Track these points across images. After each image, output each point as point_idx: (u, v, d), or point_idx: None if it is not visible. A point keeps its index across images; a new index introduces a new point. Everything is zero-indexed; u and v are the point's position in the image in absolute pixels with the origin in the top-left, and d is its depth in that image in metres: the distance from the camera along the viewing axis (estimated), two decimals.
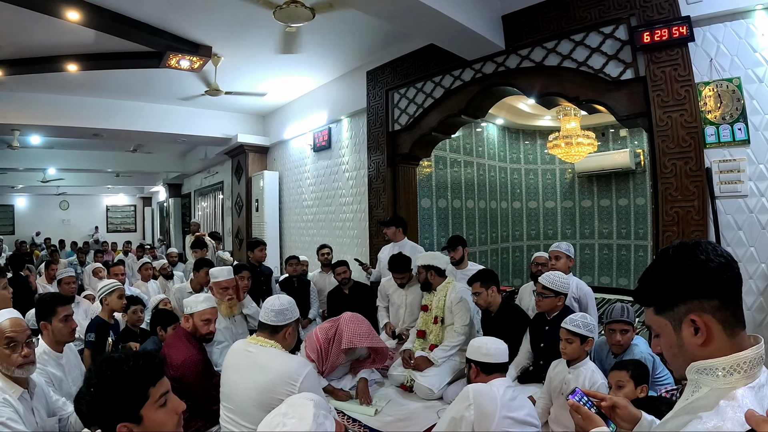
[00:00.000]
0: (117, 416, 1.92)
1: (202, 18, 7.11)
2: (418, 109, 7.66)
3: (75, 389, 3.70)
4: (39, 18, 6.69)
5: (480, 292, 5.16)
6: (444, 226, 9.52)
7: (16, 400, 2.87)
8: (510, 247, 11.39)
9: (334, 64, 9.07)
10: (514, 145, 11.62)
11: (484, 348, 3.42)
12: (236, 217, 13.72)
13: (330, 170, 10.20)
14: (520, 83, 6.41)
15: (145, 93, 10.81)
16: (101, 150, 17.48)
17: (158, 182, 23.61)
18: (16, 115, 10.65)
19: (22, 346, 2.96)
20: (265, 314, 3.54)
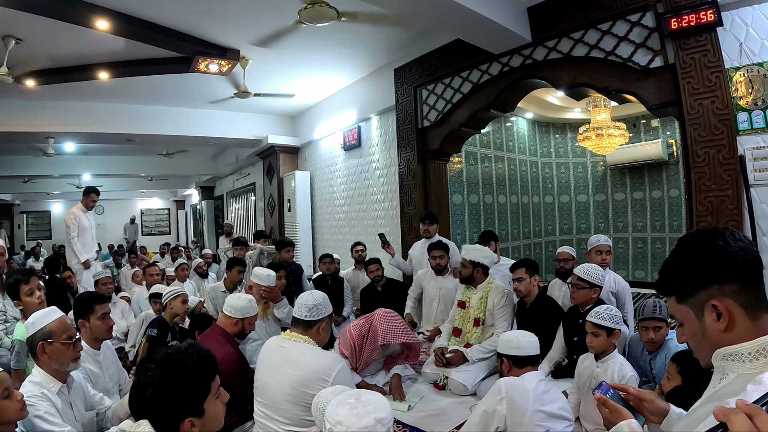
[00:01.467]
0: (183, 411, 1.97)
1: (229, 22, 7.16)
2: (447, 105, 7.62)
3: (111, 385, 3.88)
4: (70, 28, 6.84)
5: (524, 278, 5.13)
6: (476, 222, 9.46)
7: (55, 395, 2.96)
8: (543, 242, 11.25)
9: (362, 63, 9.06)
10: (545, 138, 11.48)
11: (515, 341, 3.40)
12: (269, 217, 13.81)
13: (361, 168, 10.21)
14: (548, 75, 6.34)
15: (175, 97, 10.93)
16: (134, 155, 17.70)
17: (191, 185, 23.83)
18: (50, 123, 10.87)
19: (76, 342, 3.12)
20: (298, 310, 3.58)
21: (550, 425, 3.03)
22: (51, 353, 3.03)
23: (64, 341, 3.06)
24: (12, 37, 7.17)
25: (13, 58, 7.58)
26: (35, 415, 2.79)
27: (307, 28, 6.72)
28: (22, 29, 7.04)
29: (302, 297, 3.64)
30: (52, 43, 7.57)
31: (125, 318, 7.31)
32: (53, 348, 3.03)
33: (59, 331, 3.08)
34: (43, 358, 3.02)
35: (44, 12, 6.35)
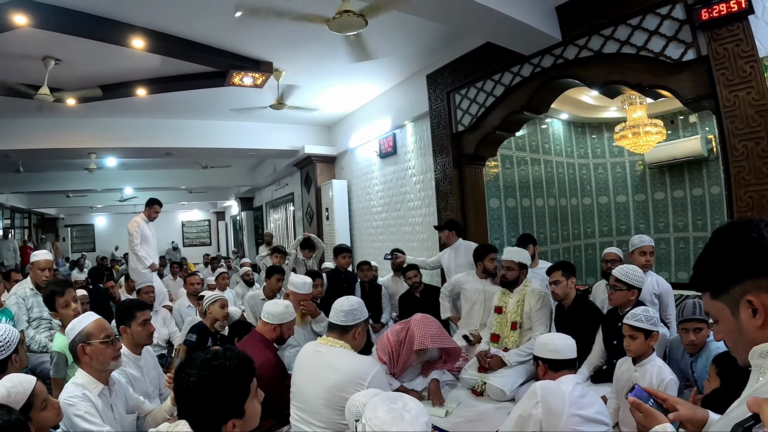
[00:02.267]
0: (226, 413, 2.02)
1: (261, 35, 7.25)
2: (480, 109, 7.57)
3: (152, 389, 4.03)
4: (107, 48, 7.06)
5: (560, 281, 5.06)
6: (514, 226, 9.40)
7: (96, 396, 3.08)
8: (582, 244, 11.08)
9: (394, 70, 9.09)
10: (581, 139, 11.33)
11: (551, 344, 3.36)
12: (307, 226, 13.86)
13: (397, 175, 10.22)
14: (580, 74, 6.25)
15: (212, 111, 11.12)
16: (174, 168, 18.11)
17: (230, 197, 24.16)
18: (91, 140, 11.21)
19: (114, 340, 3.25)
20: (334, 315, 3.62)
21: (586, 430, 2.97)
22: (91, 353, 3.18)
23: (102, 340, 3.22)
24: (52, 57, 7.41)
25: (53, 77, 7.76)
26: (75, 414, 2.92)
27: (338, 37, 6.78)
28: (61, 50, 7.27)
29: (338, 302, 3.69)
30: (91, 62, 7.78)
31: (167, 326, 7.41)
32: (93, 348, 3.18)
33: (97, 331, 3.23)
34: (84, 359, 3.17)
35: (82, 33, 6.57)
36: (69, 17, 6.19)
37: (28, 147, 10.95)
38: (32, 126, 10.61)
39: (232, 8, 6.32)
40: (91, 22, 6.36)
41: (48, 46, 7.12)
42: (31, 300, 5.62)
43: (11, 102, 8.97)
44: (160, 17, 6.59)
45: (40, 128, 10.68)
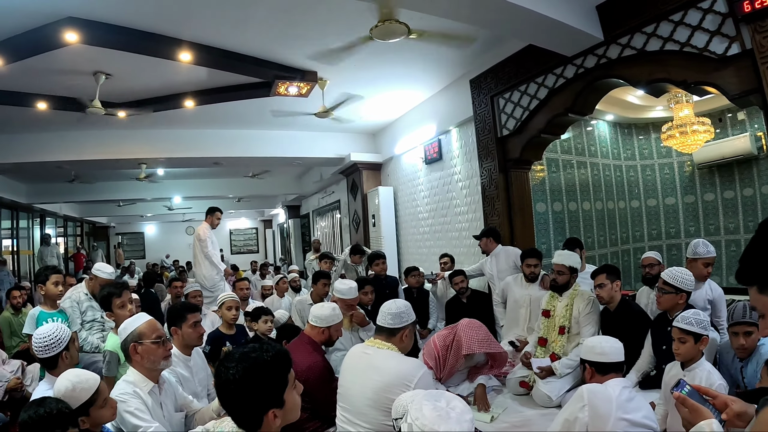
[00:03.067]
0: (266, 403, 2.08)
1: (304, 45, 7.36)
2: (525, 112, 7.53)
3: (200, 389, 4.17)
4: (155, 62, 7.30)
5: (605, 284, 5.01)
6: (561, 230, 9.32)
7: (146, 394, 3.20)
8: (631, 249, 10.89)
9: (437, 76, 9.10)
10: (627, 140, 11.16)
11: (598, 347, 3.35)
12: (354, 233, 13.94)
13: (443, 181, 10.20)
14: (624, 73, 6.14)
15: (258, 120, 11.29)
16: (222, 177, 18.36)
17: (277, 205, 24.40)
18: (141, 150, 11.55)
19: (165, 341, 3.37)
20: (382, 317, 3.68)
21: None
22: (142, 353, 3.31)
23: (153, 341, 3.34)
24: (102, 72, 7.66)
25: (104, 91, 8.01)
26: (126, 410, 3.04)
27: (381, 45, 6.83)
28: (111, 65, 7.52)
29: (386, 305, 3.73)
30: (140, 76, 8.05)
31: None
32: (144, 348, 3.31)
33: (149, 331, 3.36)
34: (136, 358, 3.30)
35: (131, 48, 6.83)
36: (118, 33, 6.42)
37: (80, 158, 11.36)
38: (84, 138, 11.00)
39: (278, 20, 6.46)
40: (140, 37, 6.58)
41: (98, 61, 7.36)
42: (85, 304, 5.85)
43: (64, 115, 9.33)
44: (206, 31, 6.76)
45: (92, 140, 11.05)
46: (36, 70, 7.44)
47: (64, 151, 11.17)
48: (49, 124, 10.31)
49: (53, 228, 21.45)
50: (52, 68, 7.42)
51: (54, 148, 11.08)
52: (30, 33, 6.27)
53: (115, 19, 6.28)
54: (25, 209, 17.39)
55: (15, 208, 16.72)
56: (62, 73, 7.64)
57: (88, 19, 6.15)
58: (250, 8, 6.21)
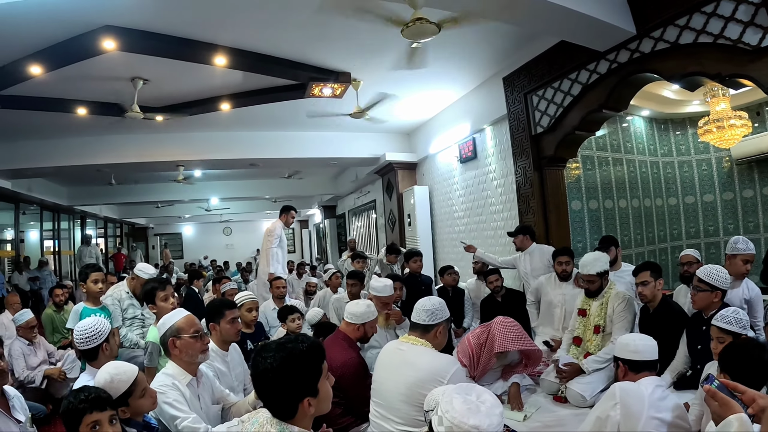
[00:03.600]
0: (301, 392, 2.16)
1: (337, 47, 7.44)
2: (558, 109, 7.44)
3: (237, 384, 4.27)
4: (191, 67, 7.50)
5: (649, 281, 4.89)
6: (597, 228, 9.25)
7: (184, 386, 3.31)
8: (668, 247, 10.69)
9: (470, 75, 9.10)
10: (664, 136, 10.96)
11: (632, 345, 3.32)
12: (389, 233, 13.97)
13: (478, 180, 10.18)
14: (658, 67, 6.00)
15: (293, 122, 11.41)
16: (258, 178, 18.58)
17: (313, 205, 24.54)
18: (179, 153, 11.81)
19: (203, 335, 3.47)
20: (416, 314, 3.72)
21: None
22: (181, 347, 3.42)
23: (191, 335, 3.45)
24: (140, 78, 7.88)
25: (142, 96, 8.21)
26: (165, 401, 3.13)
27: (413, 46, 6.85)
28: (149, 71, 7.74)
29: (420, 302, 3.78)
30: (177, 80, 8.25)
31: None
32: (182, 342, 3.42)
33: (187, 326, 3.46)
34: (174, 352, 3.40)
35: (167, 54, 7.02)
36: (154, 40, 6.60)
37: (119, 161, 11.71)
38: (123, 142, 11.30)
39: (311, 23, 6.53)
40: (176, 43, 6.76)
41: (136, 67, 7.57)
42: (126, 302, 6.09)
43: (104, 120, 9.59)
44: (240, 35, 6.89)
45: (131, 143, 11.35)
46: (75, 77, 7.66)
47: (104, 155, 11.50)
48: (89, 129, 10.60)
49: (93, 229, 22.04)
50: (91, 75, 7.63)
51: (94, 152, 11.42)
52: (69, 42, 6.49)
53: (151, 27, 6.45)
54: (66, 211, 17.88)
55: (56, 210, 17.20)
56: (101, 80, 7.86)
57: (125, 27, 6.34)
58: (283, 12, 6.30)
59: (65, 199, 17.34)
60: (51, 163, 11.55)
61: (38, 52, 6.75)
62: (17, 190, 13.52)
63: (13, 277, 13.95)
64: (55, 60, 6.91)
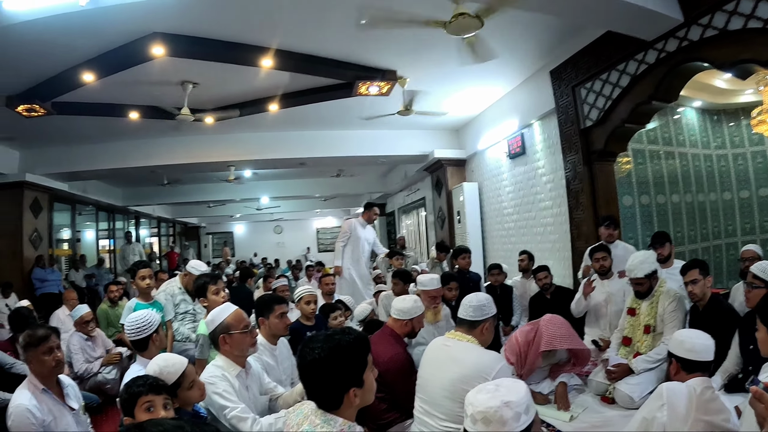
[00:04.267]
0: (348, 382, 2.22)
1: (382, 45, 7.48)
2: (607, 102, 7.29)
3: (285, 377, 4.35)
4: (239, 69, 7.67)
5: (698, 279, 4.73)
6: (648, 224, 9.01)
7: (234, 378, 3.41)
8: (723, 244, 10.23)
9: (516, 69, 9.03)
10: (717, 128, 10.50)
11: (688, 342, 3.23)
12: (439, 230, 13.93)
13: (527, 176, 10.09)
14: (707, 55, 5.78)
15: (341, 121, 11.52)
16: (308, 178, 18.80)
17: (363, 203, 24.50)
18: (229, 153, 12.14)
19: (252, 329, 3.67)
20: (463, 310, 3.74)
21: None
22: (231, 343, 3.53)
23: (241, 331, 3.56)
24: (189, 82, 8.12)
25: (191, 99, 8.44)
26: (214, 392, 3.25)
27: (457, 41, 6.79)
28: (197, 74, 7.96)
29: (467, 298, 3.79)
30: (225, 83, 8.45)
31: None
32: (233, 338, 3.53)
33: (236, 322, 3.57)
34: (225, 348, 3.53)
35: (215, 58, 7.26)
36: (202, 45, 6.81)
37: (172, 162, 12.10)
38: (175, 143, 11.66)
39: (354, 22, 6.56)
40: (223, 47, 6.95)
41: (184, 71, 7.78)
42: (178, 297, 6.43)
43: (156, 123, 9.92)
44: (286, 37, 6.99)
45: (183, 145, 11.70)
46: (126, 83, 7.93)
47: (157, 157, 11.91)
48: (141, 132, 10.96)
49: (147, 228, 22.70)
50: (142, 80, 7.88)
51: (147, 154, 11.84)
52: (119, 50, 6.77)
53: (197, 32, 6.64)
54: (121, 211, 18.47)
55: (112, 211, 17.79)
56: (151, 84, 8.11)
57: (172, 33, 6.53)
58: (328, 12, 6.38)
59: (120, 200, 17.89)
60: (106, 165, 11.99)
61: (90, 60, 7.04)
62: (73, 191, 14.01)
63: (70, 274, 14.39)
64: (106, 67, 7.19)
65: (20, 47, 6.47)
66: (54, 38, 6.25)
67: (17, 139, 10.89)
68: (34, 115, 8.79)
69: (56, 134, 10.66)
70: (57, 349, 3.58)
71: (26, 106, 8.42)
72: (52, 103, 8.50)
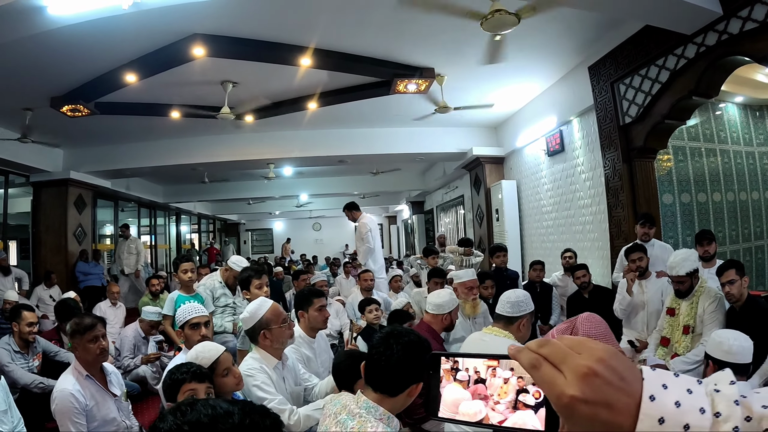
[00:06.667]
0: (412, 377, 2.37)
1: (420, 43, 7.50)
2: (647, 98, 7.17)
3: (322, 370, 4.46)
4: (278, 68, 7.83)
5: (735, 279, 4.66)
6: (689, 223, 8.89)
7: (271, 369, 3.57)
8: (765, 245, 10.02)
9: (554, 66, 8.95)
10: (760, 124, 10.29)
11: (726, 344, 3.21)
12: (477, 227, 13.95)
13: (566, 173, 10.02)
14: (747, 49, 5.64)
15: (380, 118, 11.58)
16: (347, 175, 19.03)
17: (401, 201, 24.79)
18: (269, 151, 12.35)
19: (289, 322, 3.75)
20: (501, 306, 3.80)
21: None
22: (271, 338, 3.67)
23: (280, 325, 3.70)
24: (229, 81, 8.30)
25: (231, 98, 8.62)
26: (253, 384, 3.40)
27: (495, 38, 6.76)
28: (238, 74, 8.13)
29: (506, 294, 3.85)
30: (264, 82, 8.61)
31: (339, 318, 8.19)
32: (272, 333, 3.67)
33: (274, 317, 3.71)
34: (266, 343, 3.70)
35: (254, 58, 7.41)
36: (242, 45, 6.96)
37: (213, 160, 12.39)
38: (216, 142, 11.90)
39: (392, 20, 6.64)
40: (262, 47, 7.07)
41: (225, 71, 7.95)
42: (219, 291, 6.64)
43: (197, 122, 10.13)
44: (325, 36, 7.06)
45: (223, 144, 11.93)
46: (168, 83, 8.13)
47: (198, 155, 12.19)
48: (182, 131, 11.21)
49: (188, 225, 23.02)
50: (183, 80, 8.09)
51: (188, 152, 12.14)
52: (160, 51, 6.96)
53: (237, 32, 6.77)
54: (162, 208, 18.84)
55: (153, 207, 18.17)
56: (192, 84, 8.30)
57: (213, 34, 6.68)
58: (366, 10, 6.42)
59: (161, 197, 18.28)
60: (148, 163, 12.31)
61: (132, 61, 7.25)
62: (116, 189, 14.35)
63: (112, 268, 14.67)
64: (148, 68, 7.39)
65: (64, 50, 6.67)
66: (97, 41, 6.44)
67: (62, 138, 11.15)
68: (78, 115, 9.05)
69: (99, 133, 10.92)
70: (102, 337, 3.74)
71: (70, 106, 8.66)
72: (96, 104, 8.73)
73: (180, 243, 22.19)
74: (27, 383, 5.26)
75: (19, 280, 10.50)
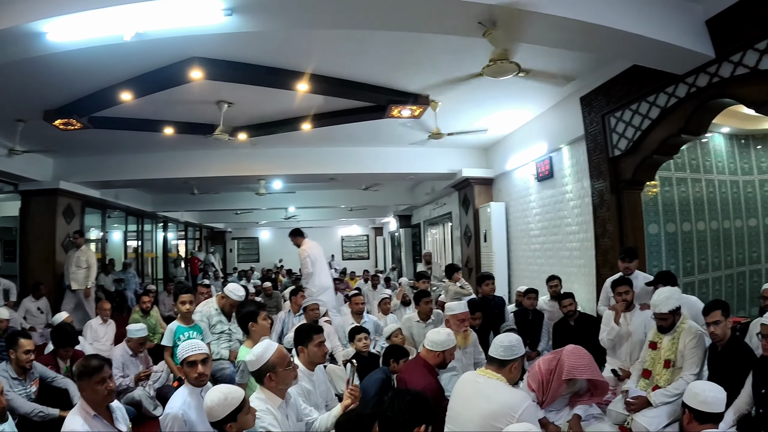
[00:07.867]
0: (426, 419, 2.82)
1: (416, 72, 7.64)
2: (637, 132, 7.28)
3: (321, 401, 4.65)
4: (274, 92, 7.90)
5: (720, 320, 4.76)
6: (674, 252, 9.03)
7: (276, 409, 3.71)
8: (747, 271, 10.15)
9: (547, 94, 9.02)
10: (744, 153, 10.44)
11: (701, 395, 3.35)
12: (465, 247, 14.03)
13: (554, 199, 10.11)
14: (737, 93, 5.77)
15: (372, 140, 11.78)
16: (335, 189, 19.04)
17: (389, 214, 24.92)
18: (261, 168, 12.48)
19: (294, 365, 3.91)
20: (494, 349, 3.93)
21: None
22: (276, 380, 3.80)
23: (285, 368, 3.84)
24: (225, 102, 8.37)
25: (226, 117, 8.72)
26: (261, 426, 3.51)
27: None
28: (233, 95, 8.23)
29: (499, 338, 4.00)
30: (259, 104, 8.75)
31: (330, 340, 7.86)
32: (278, 375, 3.80)
33: (280, 360, 3.84)
34: (271, 384, 3.81)
35: (251, 82, 7.48)
36: (239, 69, 7.05)
37: (204, 175, 12.46)
38: (208, 157, 12.02)
39: (390, 49, 6.81)
40: (260, 71, 7.19)
41: (221, 92, 8.06)
42: (215, 318, 6.81)
43: (191, 138, 10.24)
44: (323, 63, 7.20)
45: (216, 159, 12.07)
46: (163, 101, 8.22)
47: (189, 169, 12.28)
48: (174, 145, 11.32)
49: (174, 232, 23.08)
50: (178, 99, 8.18)
51: (180, 167, 12.22)
52: (157, 72, 7.05)
53: (236, 57, 6.88)
54: (149, 216, 18.85)
55: (141, 215, 18.19)
56: (187, 103, 8.41)
57: (211, 58, 6.78)
58: (367, 40, 6.52)
59: (149, 206, 18.31)
60: (139, 176, 12.39)
61: (129, 80, 7.32)
62: (105, 198, 14.37)
63: (100, 278, 13.96)
64: (144, 88, 7.48)
65: (60, 69, 6.73)
66: (94, 61, 6.52)
67: (52, 148, 11.14)
68: (71, 128, 9.05)
69: (91, 144, 10.92)
70: (109, 379, 3.78)
71: (63, 120, 8.66)
72: (89, 118, 8.74)
73: (166, 250, 22.02)
74: (27, 412, 5.17)
75: (6, 292, 10.39)
